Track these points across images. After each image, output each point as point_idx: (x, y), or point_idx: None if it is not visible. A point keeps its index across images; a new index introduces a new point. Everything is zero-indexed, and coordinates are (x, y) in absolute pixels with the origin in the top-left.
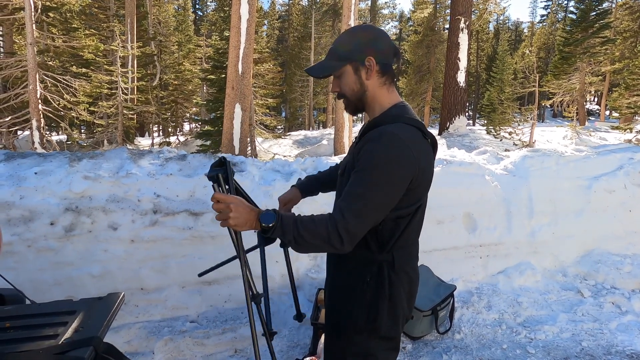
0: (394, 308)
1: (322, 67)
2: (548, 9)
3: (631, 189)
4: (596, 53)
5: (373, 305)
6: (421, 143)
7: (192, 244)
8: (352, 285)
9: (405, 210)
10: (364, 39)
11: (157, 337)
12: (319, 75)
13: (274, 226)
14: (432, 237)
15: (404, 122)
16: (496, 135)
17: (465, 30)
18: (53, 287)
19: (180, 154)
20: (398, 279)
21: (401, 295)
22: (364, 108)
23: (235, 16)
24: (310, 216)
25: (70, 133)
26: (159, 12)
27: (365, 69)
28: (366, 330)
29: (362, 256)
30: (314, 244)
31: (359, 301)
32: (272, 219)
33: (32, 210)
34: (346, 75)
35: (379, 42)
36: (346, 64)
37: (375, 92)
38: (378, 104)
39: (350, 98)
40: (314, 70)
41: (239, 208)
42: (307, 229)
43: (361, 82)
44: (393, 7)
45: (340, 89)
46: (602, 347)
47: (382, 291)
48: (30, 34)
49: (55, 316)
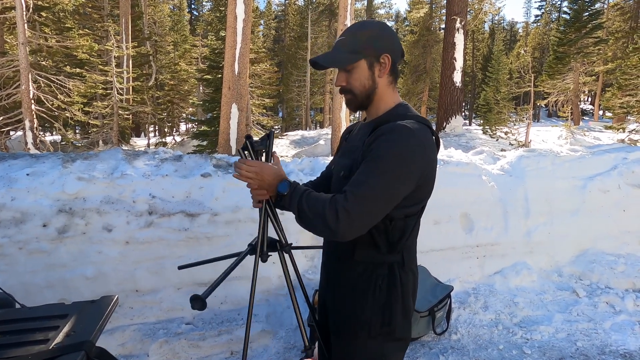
0: (407, 308)
1: (333, 58)
2: (542, 9)
3: (625, 189)
4: (589, 53)
5: (387, 307)
6: (431, 141)
7: (187, 245)
8: (363, 289)
9: (413, 208)
10: (382, 36)
11: (152, 340)
12: (330, 66)
13: (287, 195)
14: (429, 237)
15: (414, 120)
16: (492, 135)
17: (461, 30)
18: (45, 290)
19: (175, 154)
20: (407, 278)
21: (410, 294)
22: (368, 105)
23: (231, 16)
24: (316, 193)
25: (64, 133)
26: (154, 12)
27: (379, 65)
28: (381, 334)
29: (371, 258)
30: (312, 221)
31: (370, 305)
32: (286, 188)
33: (23, 211)
34: (359, 70)
35: (394, 41)
36: (361, 58)
37: (383, 91)
38: (383, 102)
39: (359, 94)
40: (323, 60)
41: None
42: (309, 203)
43: (373, 78)
44: (389, 7)
45: (348, 84)
46: (596, 347)
47: (395, 292)
48: (22, 33)
49: (46, 320)
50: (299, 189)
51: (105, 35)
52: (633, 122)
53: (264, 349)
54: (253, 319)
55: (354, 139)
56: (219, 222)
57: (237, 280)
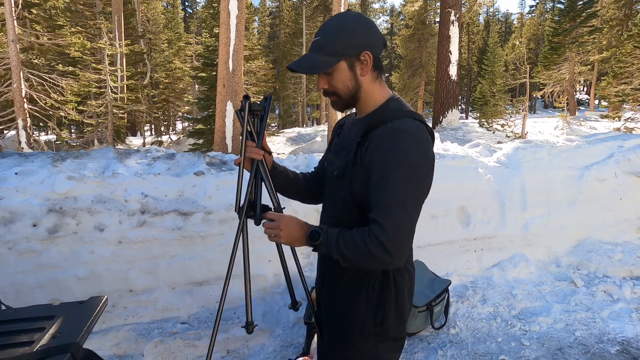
0: (400, 308)
1: (312, 64)
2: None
3: (621, 177)
4: (584, 42)
5: (380, 307)
6: (427, 136)
7: (181, 244)
8: (356, 289)
9: None
10: (360, 33)
11: (147, 340)
12: (310, 73)
13: (321, 242)
14: (426, 231)
15: (409, 117)
16: (489, 128)
17: (455, 23)
18: (36, 290)
19: (168, 152)
20: (401, 277)
21: (404, 294)
22: (355, 105)
23: (224, 12)
24: (350, 232)
25: (58, 133)
26: (148, 9)
27: (360, 64)
28: (374, 334)
29: None
30: (362, 262)
31: (364, 305)
32: (317, 237)
33: (12, 211)
34: (340, 72)
35: (373, 35)
36: (340, 60)
37: (369, 88)
38: (372, 99)
39: (343, 96)
40: (301, 66)
41: (290, 229)
42: (349, 248)
43: (356, 78)
44: (384, 2)
45: (330, 86)
46: (594, 336)
47: (389, 292)
48: (12, 30)
49: (32, 322)
50: (331, 232)
51: (97, 33)
52: (629, 110)
53: (261, 348)
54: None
55: (347, 137)
56: (212, 221)
57: (233, 278)
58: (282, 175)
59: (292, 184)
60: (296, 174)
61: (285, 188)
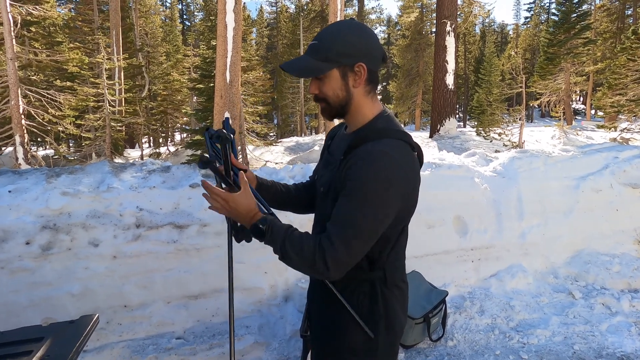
0: (391, 324)
1: (304, 67)
2: (531, 11)
3: (617, 188)
4: (579, 53)
5: (368, 324)
6: (412, 161)
7: (177, 257)
8: (344, 305)
9: (392, 230)
10: (357, 43)
11: (142, 356)
12: (300, 76)
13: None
14: (423, 241)
15: (393, 138)
16: (486, 137)
17: (451, 33)
18: (28, 309)
19: (164, 165)
20: (391, 294)
21: (396, 309)
22: (343, 115)
23: (221, 25)
24: (300, 234)
25: (56, 147)
26: (146, 23)
27: (354, 75)
28: (363, 351)
29: (353, 275)
30: (299, 266)
31: (353, 322)
32: (262, 235)
33: (5, 230)
34: (331, 80)
35: (372, 48)
36: (333, 67)
37: (359, 101)
38: (361, 114)
39: (332, 104)
40: (292, 67)
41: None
42: (295, 251)
43: (347, 89)
44: (380, 12)
45: (321, 92)
46: (593, 350)
47: (377, 309)
48: (10, 49)
49: (20, 345)
50: (279, 228)
51: (96, 48)
52: (624, 120)
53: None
54: (245, 330)
55: (335, 151)
56: (208, 233)
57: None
58: (270, 190)
59: (283, 197)
60: (287, 187)
61: (275, 201)
